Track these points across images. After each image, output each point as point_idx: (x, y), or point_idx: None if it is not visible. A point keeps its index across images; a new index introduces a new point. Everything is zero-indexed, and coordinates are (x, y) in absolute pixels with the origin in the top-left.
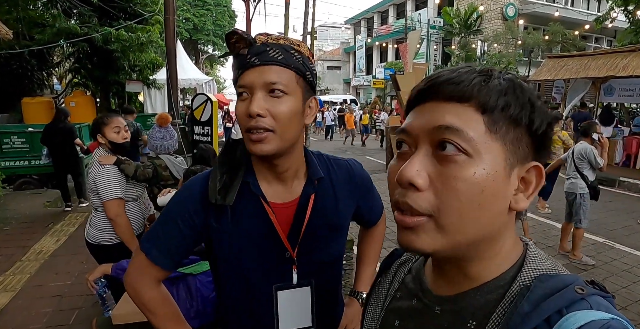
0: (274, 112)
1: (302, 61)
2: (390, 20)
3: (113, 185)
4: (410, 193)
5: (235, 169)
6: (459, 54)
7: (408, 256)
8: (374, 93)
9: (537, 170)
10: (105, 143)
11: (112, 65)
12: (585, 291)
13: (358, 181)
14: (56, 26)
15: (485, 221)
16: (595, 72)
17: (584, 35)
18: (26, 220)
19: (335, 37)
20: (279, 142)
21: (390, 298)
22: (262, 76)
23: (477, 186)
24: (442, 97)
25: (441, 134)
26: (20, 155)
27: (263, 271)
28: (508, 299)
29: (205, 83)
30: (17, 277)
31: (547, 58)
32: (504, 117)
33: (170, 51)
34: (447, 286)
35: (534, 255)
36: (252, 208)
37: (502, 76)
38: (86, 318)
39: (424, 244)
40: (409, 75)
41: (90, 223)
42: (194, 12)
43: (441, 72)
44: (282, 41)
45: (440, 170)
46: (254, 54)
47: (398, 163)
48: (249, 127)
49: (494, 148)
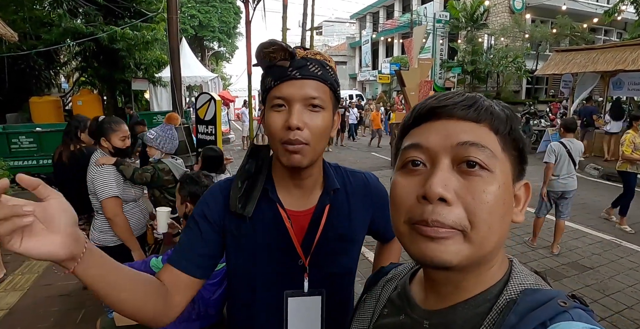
0: (311, 126)
1: (334, 77)
2: (396, 14)
3: (110, 184)
4: (439, 209)
5: (255, 177)
6: (466, 48)
7: (395, 273)
8: (380, 88)
9: (526, 187)
10: (107, 147)
11: (118, 63)
12: (567, 304)
13: (374, 194)
14: (62, 26)
15: (503, 232)
16: (604, 66)
17: (592, 27)
18: None
19: (340, 32)
20: (312, 155)
21: (377, 315)
22: (302, 90)
23: (501, 198)
24: (456, 116)
25: (465, 151)
26: (29, 154)
27: (275, 276)
28: (495, 312)
29: (210, 80)
30: (26, 276)
31: (554, 52)
32: (509, 139)
33: (174, 50)
34: (435, 301)
35: (519, 271)
36: (270, 214)
37: (498, 104)
38: (93, 317)
39: (451, 256)
40: (413, 71)
41: (93, 225)
42: (199, 8)
43: (446, 95)
44: (319, 57)
45: (464, 184)
46: (295, 68)
47: (409, 180)
48: (287, 139)
49: (505, 165)
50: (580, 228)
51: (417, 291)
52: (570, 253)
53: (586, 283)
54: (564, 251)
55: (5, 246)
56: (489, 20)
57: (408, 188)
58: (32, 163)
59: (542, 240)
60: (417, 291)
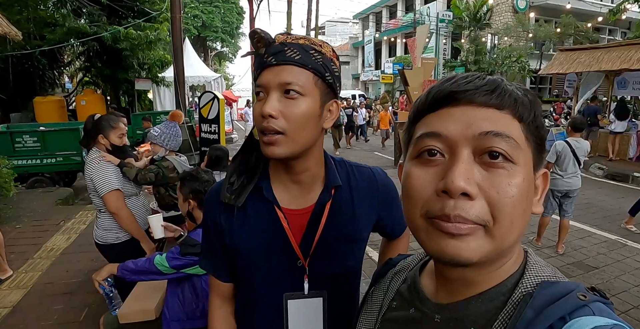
0: (287, 114)
1: (322, 62)
2: (398, 14)
3: (109, 178)
4: (461, 203)
5: (251, 171)
6: (469, 47)
7: (403, 265)
8: (383, 88)
9: (544, 176)
10: (104, 144)
11: (122, 63)
12: (587, 297)
13: (380, 190)
14: (66, 25)
15: (524, 225)
16: (608, 65)
17: (597, 27)
18: (38, 218)
19: (343, 32)
20: (292, 146)
21: (385, 308)
22: (277, 76)
23: (525, 192)
24: (477, 102)
25: (488, 141)
26: (32, 153)
27: (273, 278)
28: (510, 307)
29: (213, 80)
30: (29, 274)
31: (558, 51)
32: (532, 127)
33: (177, 49)
34: (447, 294)
35: (535, 262)
36: (265, 213)
37: (521, 88)
38: (96, 315)
39: (472, 253)
40: (417, 70)
41: (97, 224)
42: (203, 9)
43: (465, 77)
44: (302, 41)
45: (487, 176)
46: (271, 54)
47: (426, 171)
48: (261, 128)
49: (528, 156)
50: (585, 228)
51: (428, 283)
52: (575, 253)
53: (591, 283)
54: (569, 251)
55: None
56: (492, 20)
57: (425, 180)
58: (35, 162)
59: (547, 240)
60: (427, 284)
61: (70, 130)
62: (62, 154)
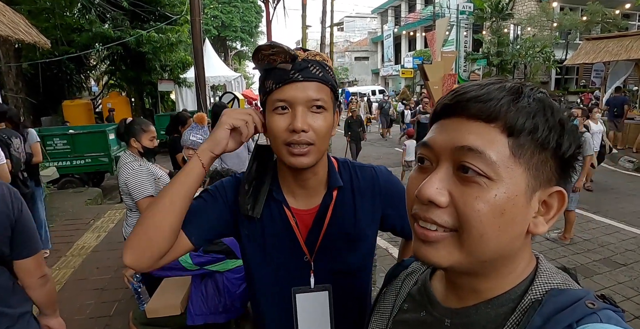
0: (315, 127)
1: (333, 77)
2: (418, 7)
3: (144, 184)
4: (432, 209)
5: (261, 178)
6: (491, 39)
7: (415, 267)
8: (403, 83)
9: (559, 195)
10: (136, 148)
11: (145, 66)
12: (595, 305)
13: (383, 188)
14: (92, 31)
15: (504, 242)
16: (638, 54)
17: (625, 13)
18: (69, 217)
19: (362, 27)
20: (317, 155)
21: (397, 310)
22: (305, 92)
23: (498, 208)
24: (467, 114)
25: (462, 156)
26: (63, 155)
27: (283, 272)
28: (519, 313)
29: (234, 79)
30: (63, 271)
31: (584, 40)
32: (530, 140)
33: (198, 52)
34: (456, 299)
35: (545, 269)
36: (276, 212)
37: (533, 95)
38: (125, 309)
39: (441, 258)
40: (437, 64)
41: (126, 222)
42: (222, 9)
43: (470, 86)
44: (318, 58)
45: (461, 189)
46: (297, 70)
47: (418, 176)
48: (290, 141)
49: (516, 172)
50: (613, 223)
51: (438, 287)
52: (603, 249)
53: (618, 280)
54: (596, 247)
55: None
56: (514, 10)
57: (413, 185)
58: (66, 164)
59: (573, 236)
60: (437, 288)
61: (98, 132)
62: (90, 155)
